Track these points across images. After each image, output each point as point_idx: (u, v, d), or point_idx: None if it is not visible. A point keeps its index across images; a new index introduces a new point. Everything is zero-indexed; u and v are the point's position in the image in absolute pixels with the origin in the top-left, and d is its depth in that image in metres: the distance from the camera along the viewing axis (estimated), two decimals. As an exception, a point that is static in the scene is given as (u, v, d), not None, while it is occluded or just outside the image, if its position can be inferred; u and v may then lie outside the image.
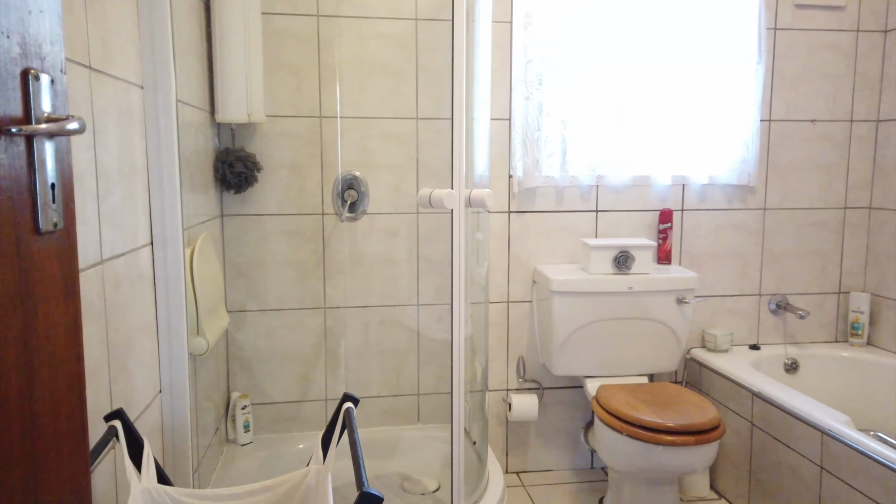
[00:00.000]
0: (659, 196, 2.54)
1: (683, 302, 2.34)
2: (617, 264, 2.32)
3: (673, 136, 2.48)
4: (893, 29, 2.51)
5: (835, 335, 2.69)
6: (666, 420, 1.96)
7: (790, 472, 2.04)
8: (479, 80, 2.09)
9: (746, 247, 2.60)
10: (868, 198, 2.63)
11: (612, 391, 2.21)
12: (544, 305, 2.39)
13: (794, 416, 2.01)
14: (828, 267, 2.65)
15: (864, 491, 1.74)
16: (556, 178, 2.45)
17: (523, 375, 2.57)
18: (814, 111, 2.56)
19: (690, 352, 2.59)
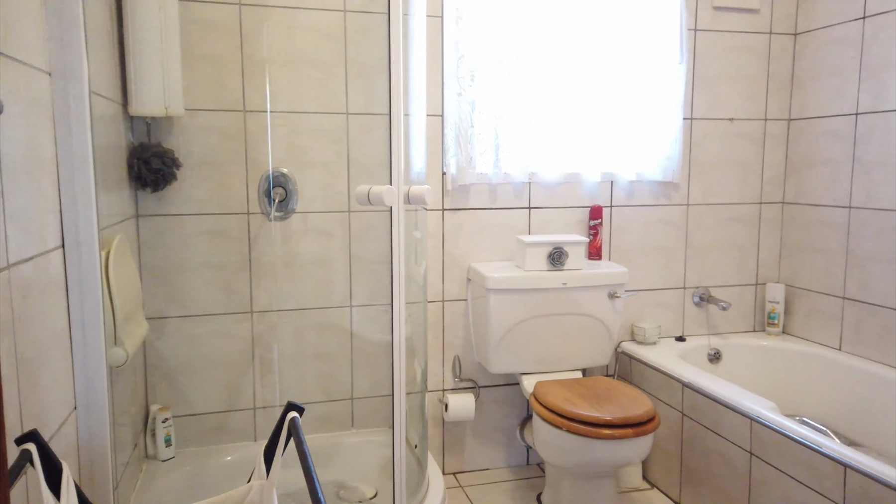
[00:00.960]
0: (589, 193, 2.57)
1: (615, 296, 2.38)
2: (551, 261, 2.33)
3: (602, 133, 2.52)
4: (802, 32, 2.65)
5: (753, 325, 2.81)
6: (604, 414, 1.98)
7: (720, 459, 2.11)
8: (414, 75, 2.04)
9: (671, 241, 2.68)
10: (781, 193, 2.77)
11: (549, 387, 2.21)
12: (480, 303, 2.37)
13: (724, 404, 2.08)
14: (746, 260, 2.77)
15: (792, 474, 1.81)
16: (489, 175, 2.44)
17: (459, 375, 2.54)
18: (732, 110, 2.67)
19: (621, 345, 2.64)
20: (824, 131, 2.56)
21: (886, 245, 2.31)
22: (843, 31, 2.46)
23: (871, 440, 2.28)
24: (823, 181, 2.57)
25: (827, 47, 2.53)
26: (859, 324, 2.43)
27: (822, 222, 2.58)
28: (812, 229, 2.63)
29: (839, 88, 2.49)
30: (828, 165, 2.54)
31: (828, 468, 1.70)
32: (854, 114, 2.42)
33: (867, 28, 2.36)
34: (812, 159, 2.62)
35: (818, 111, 2.58)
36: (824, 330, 2.58)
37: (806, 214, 2.66)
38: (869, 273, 2.38)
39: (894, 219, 2.28)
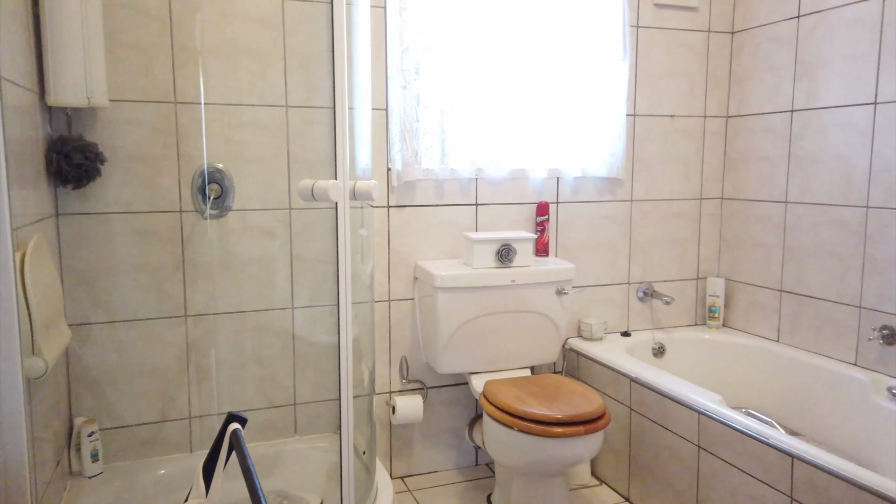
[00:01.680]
0: (536, 189, 2.55)
1: (562, 293, 2.37)
2: (499, 258, 2.29)
3: (548, 129, 2.50)
4: (739, 30, 2.71)
5: (695, 319, 2.86)
6: (555, 412, 1.95)
7: (668, 453, 2.12)
8: (358, 67, 1.96)
9: (616, 237, 2.69)
10: (720, 189, 2.82)
11: (499, 386, 2.18)
12: (428, 302, 2.31)
13: (671, 398, 2.09)
14: (687, 255, 2.81)
15: (740, 466, 1.83)
16: (435, 170, 2.38)
17: (407, 376, 2.47)
18: (673, 107, 2.70)
19: (568, 341, 2.63)
20: (761, 128, 2.62)
21: (821, 239, 2.38)
22: (778, 29, 2.52)
23: (810, 429, 2.34)
24: (761, 177, 2.63)
25: (763, 46, 2.59)
26: (796, 316, 2.50)
27: (759, 217, 2.64)
28: (750, 224, 2.69)
29: (775, 86, 2.55)
30: (765, 161, 2.61)
31: (775, 459, 1.72)
32: (789, 111, 2.49)
33: (801, 27, 2.43)
34: (749, 155, 2.68)
35: (755, 108, 2.64)
36: (763, 322, 2.65)
37: (744, 209, 2.72)
38: (805, 266, 2.45)
39: (828, 213, 2.35)
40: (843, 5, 2.26)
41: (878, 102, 2.16)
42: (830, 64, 2.32)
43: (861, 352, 2.25)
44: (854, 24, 2.23)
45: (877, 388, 2.15)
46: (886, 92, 2.13)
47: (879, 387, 2.14)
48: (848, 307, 2.29)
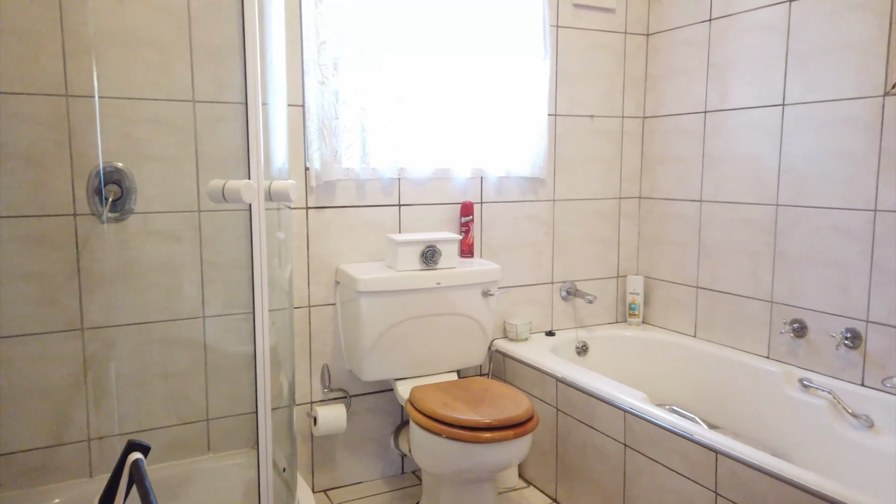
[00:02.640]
0: (460, 189, 2.50)
1: (488, 294, 2.33)
2: (424, 260, 2.23)
3: (472, 128, 2.46)
4: (654, 33, 2.76)
5: (616, 316, 2.90)
6: (483, 416, 1.91)
7: (595, 452, 2.12)
8: (272, 60, 1.85)
9: (539, 237, 2.68)
10: (638, 188, 2.87)
11: (425, 392, 2.11)
12: (350, 307, 2.22)
13: (597, 397, 2.09)
14: (608, 254, 2.84)
15: (666, 463, 1.85)
16: (356, 170, 2.29)
17: (329, 385, 2.37)
18: (592, 107, 2.72)
19: (494, 343, 2.60)
20: (676, 128, 2.68)
21: (733, 236, 2.45)
22: (690, 32, 2.59)
23: (728, 422, 2.41)
24: (676, 176, 2.69)
25: (676, 48, 2.65)
26: (711, 311, 2.57)
27: (675, 216, 2.70)
28: (667, 222, 2.75)
29: (688, 88, 2.61)
30: (680, 161, 2.67)
31: (699, 455, 1.74)
32: (702, 112, 2.55)
33: (713, 30, 2.49)
34: (665, 155, 2.74)
35: (670, 109, 2.70)
36: (680, 318, 2.71)
37: (661, 208, 2.77)
38: (719, 263, 2.52)
39: (740, 211, 2.42)
40: (751, 9, 2.34)
41: (786, 104, 2.24)
42: (741, 66, 2.39)
43: (773, 345, 2.34)
44: (762, 28, 2.30)
45: (789, 379, 2.23)
46: (793, 94, 2.21)
47: (791, 378, 2.22)
48: (760, 302, 2.37)
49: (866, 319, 2.04)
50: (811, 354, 2.21)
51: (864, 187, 2.02)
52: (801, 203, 2.21)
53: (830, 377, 2.14)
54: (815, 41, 2.14)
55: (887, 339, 1.99)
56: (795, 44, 2.20)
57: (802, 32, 2.17)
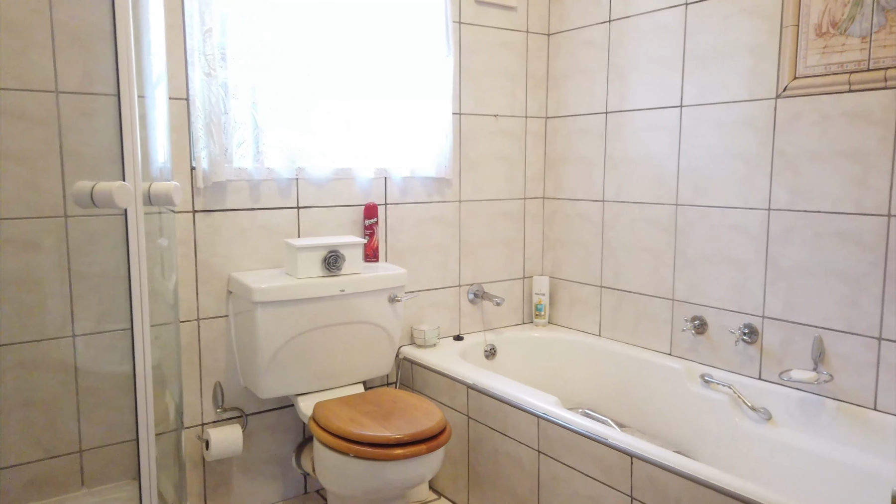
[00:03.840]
0: (363, 190, 2.37)
1: (395, 300, 2.22)
2: (327, 265, 2.08)
3: (375, 126, 2.34)
4: (555, 32, 2.75)
5: (522, 318, 2.87)
6: (394, 432, 1.80)
7: (508, 460, 2.06)
8: (150, 47, 1.65)
9: (446, 239, 2.60)
10: (542, 188, 2.86)
11: (330, 408, 1.97)
12: (245, 319, 2.04)
13: (510, 403, 2.03)
14: (514, 254, 2.81)
15: (581, 469, 1.81)
16: (249, 170, 2.11)
17: (222, 405, 2.17)
18: (496, 106, 2.67)
19: (401, 350, 2.49)
20: (578, 129, 2.68)
21: (636, 235, 2.48)
22: (591, 33, 2.59)
23: (634, 420, 2.43)
24: (579, 176, 2.69)
25: (578, 49, 2.66)
26: (615, 310, 2.59)
27: (579, 216, 2.71)
28: (571, 223, 2.75)
29: (590, 88, 2.62)
30: (583, 161, 2.67)
31: (614, 459, 1.72)
32: (604, 112, 2.57)
33: (613, 31, 2.51)
34: (568, 156, 2.74)
35: (572, 109, 2.70)
36: (585, 318, 2.72)
37: (565, 209, 2.77)
38: (622, 262, 2.55)
39: (642, 211, 2.45)
40: (650, 11, 2.37)
41: (684, 106, 2.28)
42: (640, 68, 2.42)
43: (675, 342, 2.38)
44: (661, 30, 2.34)
45: (691, 375, 2.27)
46: (690, 95, 2.26)
47: (693, 375, 2.27)
48: (662, 300, 2.41)
49: (762, 315, 2.11)
50: (711, 350, 2.26)
51: (759, 187, 2.09)
52: (701, 203, 2.26)
53: (730, 372, 2.20)
54: (710, 44, 2.18)
55: (782, 333, 2.06)
56: (692, 46, 2.24)
57: (699, 35, 2.22)
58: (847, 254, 1.89)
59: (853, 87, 1.84)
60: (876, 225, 1.83)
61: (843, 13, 1.83)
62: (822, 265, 1.95)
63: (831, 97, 1.89)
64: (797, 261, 2.01)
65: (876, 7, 1.77)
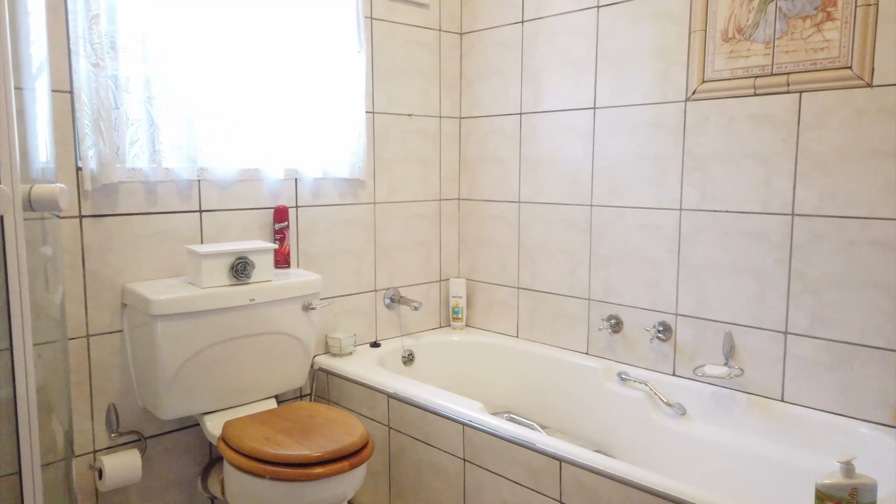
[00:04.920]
0: (272, 192, 2.24)
1: (310, 308, 2.11)
2: (235, 273, 1.94)
3: (284, 124, 2.21)
4: (468, 32, 2.72)
5: (440, 321, 2.82)
6: (314, 449, 1.69)
7: (432, 470, 2.00)
8: (28, 33, 1.46)
9: (361, 242, 2.51)
10: (457, 189, 2.82)
11: (242, 426, 1.84)
12: (143, 334, 1.86)
13: (434, 412, 1.97)
14: (430, 257, 2.75)
15: (508, 475, 1.78)
16: (145, 170, 1.93)
17: (117, 429, 1.97)
18: (410, 105, 2.60)
19: (315, 361, 2.37)
20: (493, 130, 2.66)
21: (552, 236, 2.49)
22: (504, 33, 2.58)
23: (554, 420, 2.44)
24: (494, 177, 2.67)
25: (491, 49, 2.63)
26: (532, 311, 2.59)
27: (495, 217, 2.69)
28: (487, 224, 2.73)
29: (504, 89, 2.60)
30: (498, 162, 2.65)
31: (542, 464, 1.69)
32: (518, 113, 2.56)
33: (525, 32, 2.50)
34: (483, 156, 2.71)
35: (486, 110, 2.68)
36: (503, 320, 2.70)
37: (480, 210, 2.75)
38: (539, 263, 2.55)
39: (558, 212, 2.46)
40: (562, 13, 2.38)
41: (597, 107, 2.31)
42: (554, 69, 2.43)
43: (592, 341, 2.40)
44: (573, 32, 2.35)
45: (608, 374, 2.30)
46: (603, 97, 2.29)
47: (610, 373, 2.30)
48: (579, 300, 2.43)
49: (675, 313, 2.16)
50: (628, 349, 2.30)
51: (670, 188, 2.14)
52: (615, 203, 2.29)
53: (646, 369, 2.25)
54: (622, 47, 2.22)
55: (694, 330, 2.12)
56: (605, 49, 2.27)
57: (611, 38, 2.25)
58: (754, 252, 1.97)
59: (758, 91, 1.91)
60: (780, 224, 1.91)
61: (748, 19, 1.90)
62: (730, 263, 2.02)
63: (738, 100, 1.96)
64: (707, 259, 2.07)
65: (778, 14, 1.85)
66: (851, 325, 1.80)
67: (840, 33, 1.74)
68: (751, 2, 1.90)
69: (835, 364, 1.84)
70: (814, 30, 1.78)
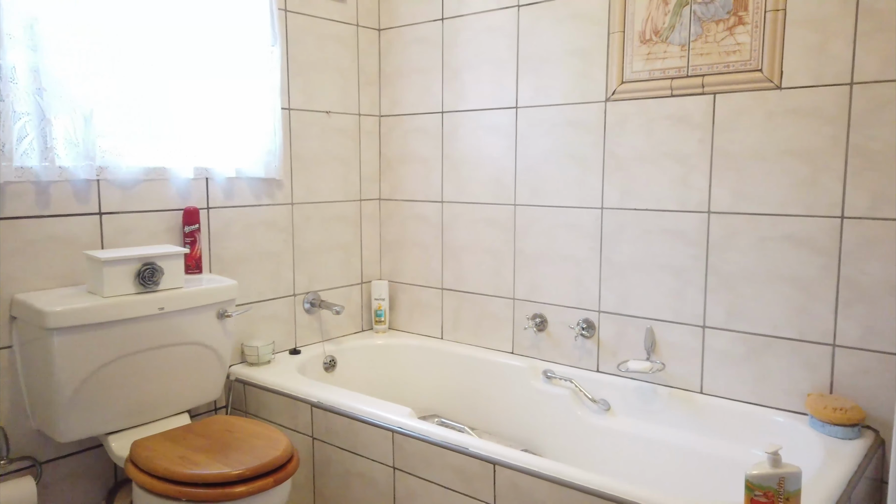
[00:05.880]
0: (181, 192, 2.09)
1: (225, 316, 1.98)
2: (142, 281, 1.79)
3: (194, 120, 2.07)
4: (386, 28, 2.65)
5: (362, 325, 2.74)
6: (234, 467, 1.58)
7: (360, 480, 1.93)
8: None
9: (278, 245, 2.39)
10: (378, 189, 2.75)
11: (152, 446, 1.70)
12: (36, 349, 1.68)
13: (361, 420, 1.89)
14: (351, 259, 2.67)
15: (440, 482, 1.73)
16: (35, 169, 1.75)
17: (7, 454, 1.78)
18: (328, 102, 2.51)
19: (231, 371, 2.24)
20: (414, 128, 2.61)
21: (476, 236, 2.47)
22: (424, 30, 2.53)
23: (482, 421, 2.41)
24: (417, 177, 2.62)
25: (411, 46, 2.58)
26: (457, 312, 2.56)
27: (418, 217, 2.64)
28: (409, 224, 2.67)
29: (425, 87, 2.56)
30: (420, 162, 2.61)
31: (476, 468, 1.66)
32: (440, 112, 2.52)
33: (446, 30, 2.47)
34: (405, 155, 2.66)
35: (407, 108, 2.62)
36: (426, 322, 2.66)
37: (402, 210, 2.69)
38: (463, 263, 2.52)
39: (482, 211, 2.44)
40: (482, 11, 2.36)
41: (519, 107, 2.30)
42: (476, 68, 2.40)
43: (517, 340, 2.40)
44: (494, 31, 2.34)
45: (534, 373, 2.30)
46: (525, 97, 2.28)
47: (536, 372, 2.30)
48: (503, 299, 2.42)
49: (598, 310, 2.19)
50: (553, 347, 2.31)
51: (592, 187, 2.16)
52: (538, 202, 2.29)
53: (571, 367, 2.26)
54: (543, 47, 2.22)
55: (617, 326, 2.15)
56: (526, 48, 2.27)
57: (532, 38, 2.25)
58: (673, 249, 2.02)
59: (675, 93, 1.96)
60: (697, 221, 1.97)
61: (665, 22, 1.95)
62: (651, 260, 2.06)
63: (655, 101, 2.00)
64: (629, 256, 2.11)
65: (693, 17, 1.90)
66: (765, 317, 1.88)
67: (751, 37, 1.81)
68: (666, 5, 1.94)
69: (750, 355, 1.91)
70: (726, 33, 1.85)
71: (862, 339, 1.73)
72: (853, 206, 1.72)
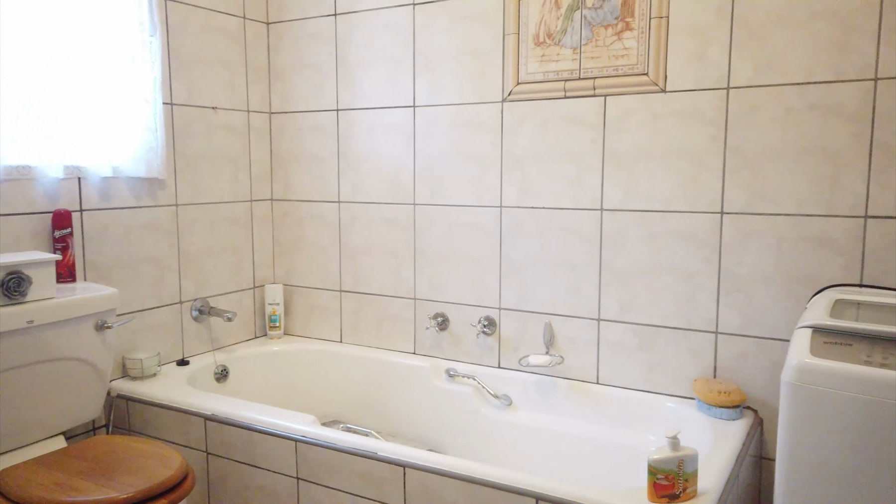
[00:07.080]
0: (48, 194, 1.90)
1: (105, 327, 1.82)
2: (6, 292, 1.60)
3: (63, 115, 1.88)
4: (275, 22, 2.55)
5: (255, 331, 2.62)
6: (121, 490, 1.46)
7: (261, 494, 1.83)
8: None
9: (161, 250, 2.23)
10: (270, 189, 2.64)
11: (24, 473, 1.53)
12: None
13: (261, 430, 1.81)
14: (242, 263, 2.54)
15: (347, 489, 1.68)
16: None
17: None
18: (214, 97, 2.38)
19: (112, 386, 2.06)
20: (308, 126, 2.53)
21: (375, 237, 2.43)
22: (316, 25, 2.46)
23: (386, 424, 2.38)
24: (311, 176, 2.55)
25: (303, 41, 2.50)
26: (356, 314, 2.51)
27: (313, 218, 2.56)
28: (304, 226, 2.59)
29: (319, 84, 2.49)
30: (315, 161, 2.53)
31: (385, 472, 1.62)
32: (335, 110, 2.46)
33: (339, 26, 2.41)
34: (298, 154, 2.57)
35: (300, 105, 2.54)
36: (325, 325, 2.59)
37: (297, 211, 2.60)
38: (362, 264, 2.47)
39: (380, 211, 2.41)
40: (377, 8, 2.32)
41: (416, 106, 2.29)
42: (371, 66, 2.36)
43: (419, 340, 2.39)
44: (389, 28, 2.31)
45: (436, 372, 2.30)
46: (422, 96, 2.27)
47: (439, 371, 2.30)
48: (404, 300, 2.40)
49: (499, 307, 2.22)
50: (455, 345, 2.31)
51: (490, 186, 2.19)
52: (437, 202, 2.29)
53: (473, 364, 2.28)
54: (440, 46, 2.22)
55: (517, 322, 2.19)
56: (422, 47, 2.26)
57: (428, 37, 2.24)
58: (568, 245, 2.08)
59: (568, 94, 2.02)
60: (591, 218, 2.04)
61: (557, 25, 2.01)
62: (548, 256, 2.12)
63: (550, 102, 2.06)
64: (527, 253, 2.15)
65: (584, 22, 1.97)
66: (654, 309, 1.98)
67: (637, 42, 1.90)
68: (559, 8, 2.00)
69: (641, 346, 2.01)
70: (615, 38, 1.93)
71: (741, 326, 1.87)
72: (731, 202, 1.85)
